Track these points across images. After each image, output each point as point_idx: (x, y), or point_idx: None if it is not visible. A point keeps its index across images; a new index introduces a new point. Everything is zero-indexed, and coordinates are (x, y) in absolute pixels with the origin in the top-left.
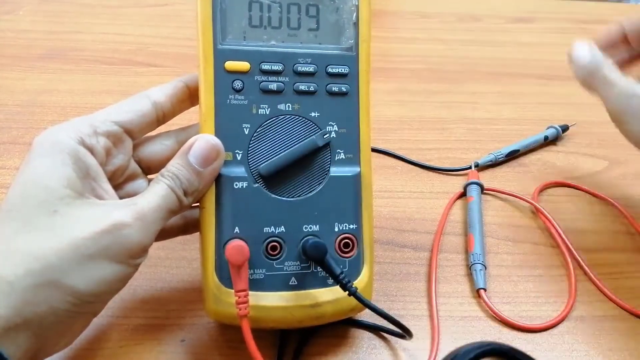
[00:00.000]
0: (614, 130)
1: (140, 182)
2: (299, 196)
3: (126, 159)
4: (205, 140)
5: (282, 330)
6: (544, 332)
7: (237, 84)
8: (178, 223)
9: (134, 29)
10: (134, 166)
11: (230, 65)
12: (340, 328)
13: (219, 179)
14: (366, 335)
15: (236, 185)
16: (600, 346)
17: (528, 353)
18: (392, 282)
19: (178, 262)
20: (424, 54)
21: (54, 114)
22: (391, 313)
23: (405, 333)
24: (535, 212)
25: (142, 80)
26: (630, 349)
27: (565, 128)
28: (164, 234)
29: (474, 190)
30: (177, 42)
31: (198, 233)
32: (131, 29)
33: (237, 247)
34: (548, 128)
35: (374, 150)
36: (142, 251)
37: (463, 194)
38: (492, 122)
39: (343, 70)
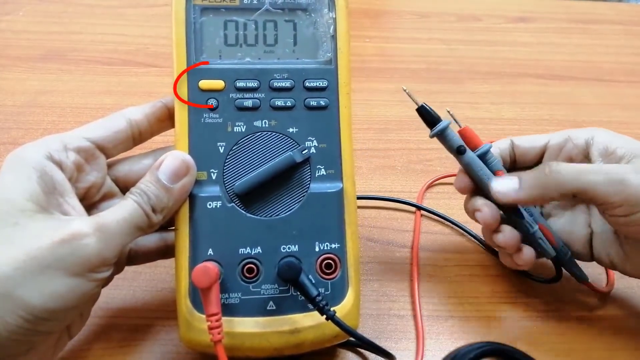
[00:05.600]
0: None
1: (117, 202)
2: (276, 215)
3: (100, 176)
4: (175, 156)
5: None
6: (544, 332)
7: (212, 103)
8: (158, 245)
9: (134, 29)
10: (110, 185)
11: (204, 84)
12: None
13: (192, 199)
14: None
15: (210, 205)
16: (601, 345)
17: (528, 353)
18: (392, 282)
19: None
20: (424, 54)
21: (54, 114)
22: (392, 313)
23: (387, 358)
24: None
25: (142, 80)
26: (631, 349)
27: None
28: (142, 257)
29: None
30: None
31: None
32: (131, 29)
33: (202, 269)
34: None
35: (360, 198)
36: (102, 264)
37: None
38: (492, 122)
39: (321, 83)
